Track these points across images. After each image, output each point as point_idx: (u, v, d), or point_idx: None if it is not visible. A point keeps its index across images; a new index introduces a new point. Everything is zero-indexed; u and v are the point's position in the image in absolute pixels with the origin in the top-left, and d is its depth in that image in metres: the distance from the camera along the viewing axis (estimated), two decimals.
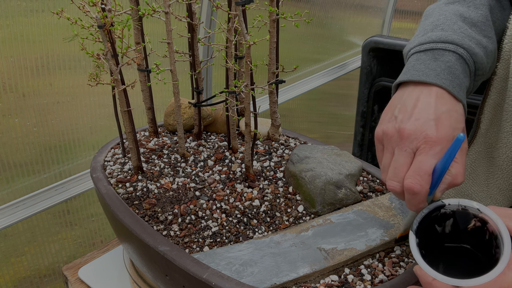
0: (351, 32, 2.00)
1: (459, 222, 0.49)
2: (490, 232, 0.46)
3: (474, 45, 0.57)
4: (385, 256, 0.57)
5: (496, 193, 0.70)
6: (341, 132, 2.22)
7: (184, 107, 0.85)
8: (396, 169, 0.51)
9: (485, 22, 0.61)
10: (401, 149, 0.51)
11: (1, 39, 0.85)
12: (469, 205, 0.48)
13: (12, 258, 1.00)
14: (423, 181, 0.48)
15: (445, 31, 0.58)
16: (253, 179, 0.69)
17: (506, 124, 0.64)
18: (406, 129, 0.51)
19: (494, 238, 0.45)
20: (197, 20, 0.74)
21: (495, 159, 0.68)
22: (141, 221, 0.62)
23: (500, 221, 0.45)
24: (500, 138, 0.66)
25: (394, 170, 0.51)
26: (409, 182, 0.49)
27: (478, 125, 0.70)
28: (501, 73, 0.64)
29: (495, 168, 0.69)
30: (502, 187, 0.69)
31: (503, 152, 0.66)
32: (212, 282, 0.51)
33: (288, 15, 0.68)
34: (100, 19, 0.61)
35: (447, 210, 0.49)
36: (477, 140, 0.71)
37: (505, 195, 0.69)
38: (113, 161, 0.78)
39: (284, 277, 0.52)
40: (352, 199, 0.65)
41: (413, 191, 0.49)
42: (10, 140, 0.92)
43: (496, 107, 0.66)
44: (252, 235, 0.60)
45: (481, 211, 0.47)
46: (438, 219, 0.50)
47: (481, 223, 0.47)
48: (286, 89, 1.66)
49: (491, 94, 0.66)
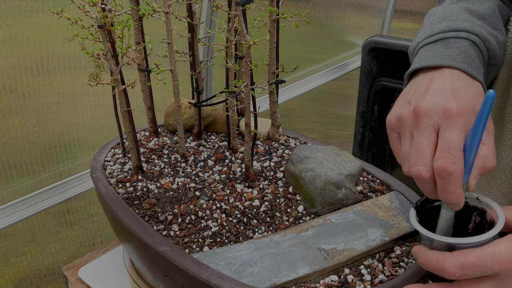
0: (351, 32, 2.00)
1: (460, 218, 0.49)
2: (489, 224, 0.47)
3: (486, 32, 0.54)
4: (385, 256, 0.57)
5: (499, 197, 0.70)
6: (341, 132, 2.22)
7: (184, 107, 0.85)
8: (419, 151, 0.44)
9: (493, 15, 0.57)
10: (420, 129, 0.45)
11: (1, 39, 0.85)
12: (468, 196, 0.48)
13: (12, 258, 1.00)
14: (456, 159, 0.42)
15: (454, 21, 0.55)
16: (253, 179, 0.69)
17: (509, 127, 0.64)
18: (422, 106, 0.46)
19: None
20: (197, 20, 0.74)
21: (498, 163, 0.67)
22: (141, 221, 0.62)
23: (497, 205, 0.47)
24: (503, 141, 0.65)
25: (417, 153, 0.44)
26: (440, 162, 0.42)
27: None
28: (503, 76, 0.64)
29: (498, 171, 0.68)
30: (505, 190, 0.68)
31: (506, 155, 0.65)
32: (212, 282, 0.51)
33: (288, 15, 0.68)
34: (100, 19, 0.61)
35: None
36: None
37: (508, 199, 0.69)
38: (113, 161, 0.78)
39: (284, 277, 0.52)
40: (352, 199, 0.65)
41: (447, 172, 0.42)
42: (10, 140, 0.92)
43: (498, 111, 0.66)
44: (252, 235, 0.60)
45: (479, 200, 0.48)
46: (439, 214, 0.49)
47: (480, 216, 0.48)
48: (286, 89, 1.66)
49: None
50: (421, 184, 0.46)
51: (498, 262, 0.40)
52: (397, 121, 0.48)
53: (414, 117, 0.46)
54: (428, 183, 0.44)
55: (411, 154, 0.45)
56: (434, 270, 0.43)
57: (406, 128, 0.47)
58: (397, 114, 0.48)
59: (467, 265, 0.41)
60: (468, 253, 0.41)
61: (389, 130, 0.50)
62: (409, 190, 0.67)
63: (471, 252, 0.42)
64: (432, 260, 0.43)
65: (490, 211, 0.47)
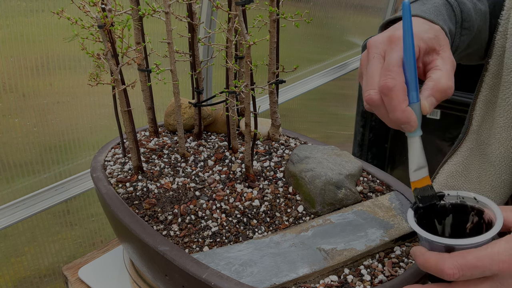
0: (351, 32, 2.00)
1: (458, 219, 0.50)
2: (487, 224, 0.47)
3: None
4: (385, 257, 0.57)
5: (489, 190, 0.70)
6: (341, 132, 2.22)
7: (185, 107, 0.85)
8: (368, 78, 0.48)
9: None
10: (369, 59, 0.49)
11: (1, 39, 0.85)
12: (466, 196, 0.49)
13: (12, 258, 1.00)
14: (394, 74, 0.45)
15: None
16: (253, 179, 0.69)
17: (499, 119, 0.64)
18: (373, 39, 0.50)
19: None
20: (197, 20, 0.74)
21: (488, 156, 0.68)
22: (141, 221, 0.62)
23: (495, 205, 0.46)
24: (493, 134, 0.66)
25: (367, 80, 0.48)
26: (381, 81, 0.46)
27: (470, 121, 0.70)
28: (493, 69, 0.64)
29: (488, 165, 0.68)
30: (495, 184, 0.69)
31: (495, 148, 0.66)
32: (211, 282, 0.51)
33: (288, 15, 0.68)
34: (100, 19, 0.61)
35: (447, 203, 0.50)
36: (469, 137, 0.71)
37: (498, 192, 0.69)
38: (113, 161, 0.78)
39: (283, 277, 0.52)
40: (352, 199, 0.65)
41: (387, 87, 0.45)
42: (10, 140, 0.92)
43: (488, 104, 0.66)
44: (252, 235, 0.60)
45: (477, 200, 0.48)
46: (437, 214, 0.50)
47: (478, 216, 0.48)
48: (286, 89, 1.66)
49: (482, 91, 0.66)
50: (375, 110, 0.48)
51: (497, 263, 0.41)
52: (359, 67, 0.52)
53: (367, 50, 0.50)
54: (380, 106, 0.47)
55: (363, 81, 0.49)
56: (432, 271, 0.43)
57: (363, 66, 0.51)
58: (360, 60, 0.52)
59: (466, 266, 0.41)
60: (467, 254, 0.41)
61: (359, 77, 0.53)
62: (409, 190, 0.66)
63: (470, 253, 0.42)
64: (431, 261, 0.43)
65: (488, 211, 0.47)
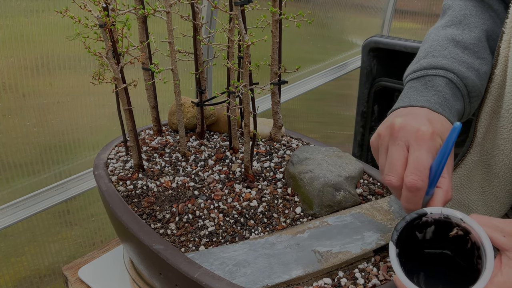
0: (351, 32, 2.00)
1: (441, 229, 0.48)
2: (473, 242, 0.45)
3: (465, 69, 0.60)
4: (380, 260, 0.57)
5: (493, 201, 0.70)
6: (341, 132, 2.22)
7: (187, 106, 0.85)
8: (391, 164, 0.51)
9: (478, 44, 0.63)
10: (393, 143, 0.51)
11: (1, 39, 0.85)
12: (452, 215, 0.46)
13: (12, 258, 1.01)
14: (424, 177, 0.48)
15: (436, 57, 0.61)
16: (252, 179, 0.69)
17: (503, 131, 0.64)
18: (396, 123, 0.52)
19: (477, 248, 0.44)
20: (200, 20, 0.74)
21: (492, 167, 0.68)
22: (138, 219, 0.62)
23: (483, 233, 0.43)
24: (497, 145, 0.65)
25: (389, 165, 0.51)
26: (411, 179, 0.48)
27: (474, 133, 0.70)
28: (498, 79, 0.64)
29: (492, 176, 0.68)
30: (499, 194, 0.68)
31: (500, 159, 0.65)
32: (203, 282, 0.51)
33: (290, 15, 0.68)
34: (101, 18, 0.62)
35: (429, 219, 0.48)
36: (473, 150, 0.70)
37: (502, 203, 0.69)
38: (116, 158, 0.79)
39: (276, 279, 0.52)
40: (351, 202, 0.65)
41: (416, 187, 0.48)
42: (10, 140, 0.93)
43: (493, 114, 0.66)
44: (249, 236, 0.60)
45: (464, 221, 0.45)
46: (419, 227, 0.48)
47: (463, 232, 0.46)
48: (287, 89, 1.66)
49: (487, 102, 0.66)
50: (392, 190, 0.53)
51: None
52: (376, 138, 0.55)
53: (389, 133, 0.53)
54: (397, 190, 0.51)
55: (386, 164, 0.52)
56: None
57: (383, 143, 0.54)
58: (377, 132, 0.55)
59: None
60: None
61: (373, 150, 0.57)
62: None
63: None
64: None
65: (475, 234, 0.44)
